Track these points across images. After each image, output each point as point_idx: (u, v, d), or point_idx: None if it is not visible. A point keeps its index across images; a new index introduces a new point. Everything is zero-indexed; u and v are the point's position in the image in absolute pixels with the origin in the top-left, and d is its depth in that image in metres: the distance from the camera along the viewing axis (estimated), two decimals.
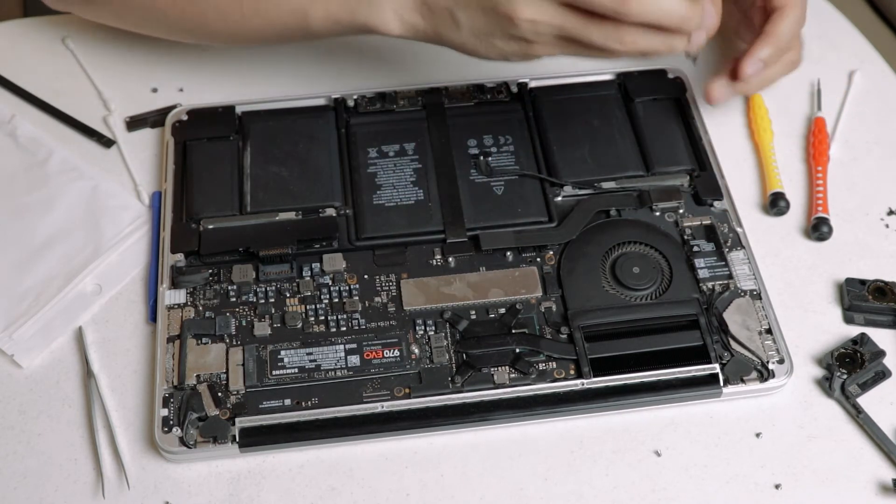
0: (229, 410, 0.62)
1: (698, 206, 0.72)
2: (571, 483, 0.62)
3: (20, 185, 0.74)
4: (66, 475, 0.62)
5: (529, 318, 0.66)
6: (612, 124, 0.76)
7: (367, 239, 0.70)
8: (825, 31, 0.85)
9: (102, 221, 0.72)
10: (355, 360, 0.64)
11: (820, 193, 0.74)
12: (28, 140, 0.76)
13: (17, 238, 0.71)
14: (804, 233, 0.73)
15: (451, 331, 0.66)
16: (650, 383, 0.64)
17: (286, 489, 0.61)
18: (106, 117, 0.78)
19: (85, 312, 0.68)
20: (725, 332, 0.66)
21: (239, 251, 0.69)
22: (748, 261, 0.69)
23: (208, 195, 0.72)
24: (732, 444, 0.63)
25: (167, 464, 0.62)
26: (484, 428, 0.63)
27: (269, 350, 0.65)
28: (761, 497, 0.61)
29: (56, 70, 0.81)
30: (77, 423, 0.64)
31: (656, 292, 0.68)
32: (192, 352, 0.64)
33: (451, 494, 0.61)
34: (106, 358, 0.66)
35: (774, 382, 0.64)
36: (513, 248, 0.69)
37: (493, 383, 0.63)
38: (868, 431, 0.64)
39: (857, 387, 0.65)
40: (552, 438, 0.63)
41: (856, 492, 0.61)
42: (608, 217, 0.71)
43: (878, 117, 0.80)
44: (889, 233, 0.73)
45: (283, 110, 0.77)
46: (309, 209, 0.71)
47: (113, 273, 0.70)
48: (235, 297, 0.67)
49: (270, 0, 0.69)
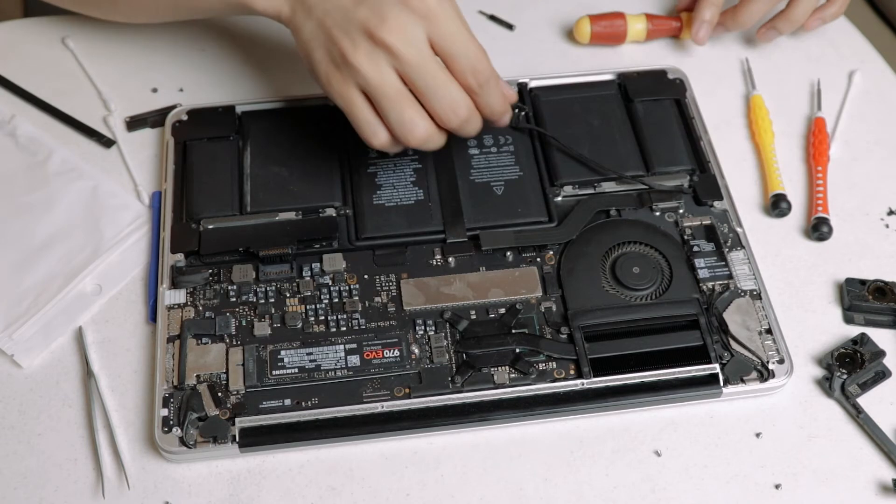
0: (229, 410, 0.62)
1: (698, 206, 0.72)
2: (571, 483, 0.62)
3: (20, 185, 0.74)
4: (66, 475, 0.62)
5: (529, 318, 0.66)
6: (612, 124, 0.76)
7: (367, 239, 0.70)
8: (825, 31, 0.85)
9: (102, 221, 0.72)
10: (355, 360, 0.64)
11: (820, 193, 0.74)
12: (28, 140, 0.76)
13: (17, 238, 0.71)
14: (804, 233, 0.73)
15: (451, 331, 0.66)
16: (650, 383, 0.64)
17: (286, 489, 0.61)
18: (106, 117, 0.78)
19: (85, 312, 0.68)
20: (725, 332, 0.66)
21: (239, 251, 0.69)
22: (748, 261, 0.69)
23: (208, 195, 0.72)
24: (732, 444, 0.63)
25: (167, 464, 0.62)
26: (484, 428, 0.63)
27: (269, 350, 0.65)
28: (761, 497, 0.61)
29: (56, 70, 0.81)
30: (77, 423, 0.64)
31: (656, 292, 0.68)
32: (192, 352, 0.64)
33: (451, 494, 0.61)
34: (106, 358, 0.66)
35: (774, 382, 0.64)
36: (513, 248, 0.69)
37: (493, 383, 0.63)
38: (868, 431, 0.64)
39: (857, 387, 0.65)
40: (552, 438, 0.63)
41: (856, 492, 0.61)
42: (608, 217, 0.71)
43: (878, 117, 0.80)
44: (889, 233, 0.73)
45: (283, 110, 0.77)
46: (309, 209, 0.71)
47: (113, 273, 0.70)
48: (235, 297, 0.67)
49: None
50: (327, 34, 0.64)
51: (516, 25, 0.85)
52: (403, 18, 0.62)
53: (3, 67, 0.81)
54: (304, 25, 0.66)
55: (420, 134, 0.65)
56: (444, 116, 0.65)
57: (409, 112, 0.64)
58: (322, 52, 0.65)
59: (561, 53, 0.84)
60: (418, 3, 0.63)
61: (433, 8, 0.63)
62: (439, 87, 0.64)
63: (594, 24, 0.82)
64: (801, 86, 0.81)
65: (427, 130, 0.65)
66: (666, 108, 0.78)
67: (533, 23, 0.86)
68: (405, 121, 0.64)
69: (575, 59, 0.83)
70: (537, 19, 0.86)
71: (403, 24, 0.62)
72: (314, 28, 0.65)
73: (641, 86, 0.78)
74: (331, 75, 0.65)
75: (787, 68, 0.82)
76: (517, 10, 0.86)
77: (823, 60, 0.83)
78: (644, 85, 0.79)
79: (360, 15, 0.63)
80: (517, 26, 0.85)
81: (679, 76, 0.80)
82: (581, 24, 0.82)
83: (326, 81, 0.65)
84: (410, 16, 0.63)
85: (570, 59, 0.83)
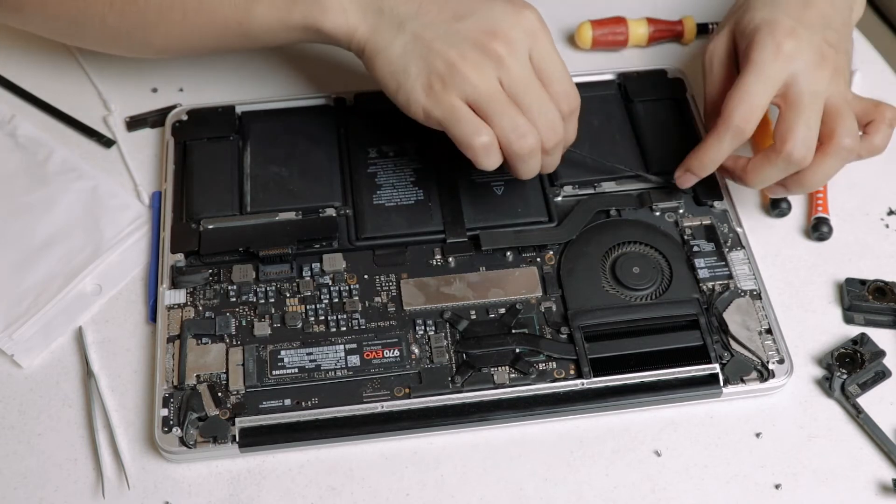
0: (229, 410, 0.62)
1: (698, 206, 0.72)
2: (571, 483, 0.62)
3: (20, 185, 0.74)
4: (66, 475, 0.62)
5: (529, 318, 0.66)
6: (612, 124, 0.76)
7: (367, 239, 0.70)
8: None
9: (102, 221, 0.72)
10: (355, 360, 0.64)
11: (820, 193, 0.74)
12: (28, 140, 0.76)
13: (17, 238, 0.71)
14: (804, 233, 0.73)
15: (451, 331, 0.66)
16: (650, 383, 0.64)
17: (286, 489, 0.61)
18: (106, 117, 0.78)
19: (85, 312, 0.68)
20: (725, 332, 0.66)
21: (239, 251, 0.69)
22: (748, 261, 0.69)
23: (208, 195, 0.72)
24: (732, 444, 0.63)
25: (167, 464, 0.62)
26: (484, 428, 0.63)
27: (269, 350, 0.65)
28: (761, 497, 0.61)
29: (56, 70, 0.81)
30: (77, 423, 0.64)
31: (656, 292, 0.68)
32: (192, 352, 0.64)
33: (451, 494, 0.61)
34: (106, 358, 0.66)
35: (774, 382, 0.64)
36: (513, 248, 0.69)
37: (493, 383, 0.63)
38: (868, 431, 0.64)
39: (857, 387, 0.65)
40: (552, 438, 0.63)
41: (856, 492, 0.61)
42: (608, 217, 0.71)
43: None
44: (889, 233, 0.73)
45: (283, 110, 0.77)
46: (309, 209, 0.71)
47: (113, 273, 0.70)
48: (235, 297, 0.67)
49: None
50: (427, 47, 0.63)
51: None
52: (513, 33, 0.62)
53: (3, 67, 0.81)
54: (394, 42, 0.64)
55: (531, 141, 0.63)
56: (543, 134, 0.64)
57: (521, 119, 0.63)
58: (420, 65, 0.63)
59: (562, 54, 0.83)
60: (527, 21, 0.63)
61: (538, 28, 0.63)
62: (543, 104, 0.64)
63: (596, 29, 0.82)
64: None
65: (536, 140, 0.63)
66: (666, 108, 0.78)
67: None
68: (518, 125, 0.63)
69: (575, 59, 0.83)
70: None
71: (513, 38, 0.62)
72: (408, 42, 0.63)
73: (641, 86, 0.78)
74: (433, 86, 0.63)
75: None
76: None
77: None
78: (644, 85, 0.79)
79: (467, 27, 0.63)
80: None
81: (679, 76, 0.80)
82: (582, 30, 0.82)
83: (427, 94, 0.63)
84: (519, 32, 0.63)
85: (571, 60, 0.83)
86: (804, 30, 0.66)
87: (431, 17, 0.64)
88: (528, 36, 0.63)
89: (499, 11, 0.63)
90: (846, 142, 0.65)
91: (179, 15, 0.67)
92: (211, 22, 0.67)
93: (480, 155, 0.63)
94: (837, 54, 0.66)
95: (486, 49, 0.62)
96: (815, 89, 0.65)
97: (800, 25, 0.66)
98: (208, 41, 0.69)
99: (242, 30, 0.67)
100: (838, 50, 0.67)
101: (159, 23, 0.68)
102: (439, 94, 0.63)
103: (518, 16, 0.63)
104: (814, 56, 0.65)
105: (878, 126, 0.67)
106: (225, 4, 0.66)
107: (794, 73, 0.65)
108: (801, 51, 0.65)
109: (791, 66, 0.65)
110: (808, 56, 0.65)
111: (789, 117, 0.65)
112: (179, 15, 0.67)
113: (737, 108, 0.65)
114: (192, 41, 0.70)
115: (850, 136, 0.65)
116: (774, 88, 0.65)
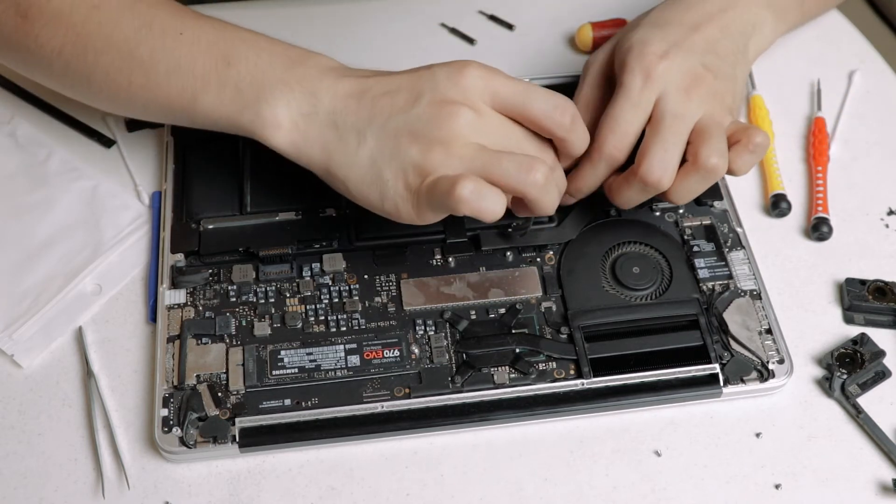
0: (229, 410, 0.62)
1: (698, 206, 0.72)
2: (571, 483, 0.62)
3: (20, 185, 0.74)
4: (66, 475, 0.62)
5: (529, 318, 0.66)
6: None
7: (367, 239, 0.70)
8: (825, 32, 0.85)
9: (102, 221, 0.72)
10: (355, 360, 0.64)
11: (820, 193, 0.74)
12: (28, 140, 0.76)
13: (17, 238, 0.71)
14: (804, 233, 0.73)
15: (451, 331, 0.66)
16: (650, 383, 0.64)
17: (286, 489, 0.61)
18: (106, 117, 0.78)
19: (85, 312, 0.68)
20: (725, 332, 0.66)
21: (239, 251, 0.69)
22: (748, 261, 0.69)
23: (208, 195, 0.72)
24: (732, 444, 0.63)
25: (167, 464, 0.62)
26: (484, 428, 0.63)
27: (269, 350, 0.65)
28: (761, 497, 0.61)
29: None
30: (77, 423, 0.64)
31: (656, 292, 0.68)
32: (192, 352, 0.64)
33: (451, 494, 0.61)
34: (106, 358, 0.66)
35: (774, 382, 0.64)
36: (513, 248, 0.69)
37: (493, 383, 0.63)
38: (868, 431, 0.64)
39: (857, 387, 0.65)
40: (552, 438, 0.63)
41: (856, 492, 0.61)
42: (608, 217, 0.71)
43: (878, 117, 0.80)
44: (889, 233, 0.73)
45: None
46: (309, 209, 0.71)
47: (113, 273, 0.70)
48: (235, 297, 0.67)
49: (161, 74, 0.63)
50: (395, 146, 0.60)
51: (516, 26, 0.85)
52: (468, 92, 0.60)
53: (3, 67, 0.81)
54: (359, 153, 0.61)
55: (542, 170, 0.60)
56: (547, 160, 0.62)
57: (518, 156, 0.60)
58: (395, 167, 0.60)
59: (561, 54, 0.84)
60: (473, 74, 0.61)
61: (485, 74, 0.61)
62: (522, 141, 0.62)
63: (596, 31, 0.82)
64: (801, 86, 0.81)
65: (546, 166, 0.60)
66: None
67: (533, 23, 0.86)
68: (521, 162, 0.59)
69: (575, 61, 0.83)
70: (538, 20, 0.86)
71: (470, 96, 0.60)
72: (373, 148, 0.61)
73: None
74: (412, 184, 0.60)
75: (787, 68, 0.82)
76: (517, 10, 0.86)
77: (823, 60, 0.83)
78: None
79: (422, 108, 0.60)
80: (517, 27, 0.85)
81: None
82: (583, 32, 0.82)
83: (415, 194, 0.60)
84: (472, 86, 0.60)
85: (571, 61, 0.83)
86: (679, 52, 0.65)
87: (386, 113, 0.61)
88: (482, 85, 0.61)
89: (443, 79, 0.61)
90: (711, 161, 0.63)
91: (125, 82, 0.65)
92: (155, 100, 0.65)
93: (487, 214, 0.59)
94: (716, 79, 0.65)
95: (451, 118, 0.60)
96: (678, 111, 0.64)
97: (674, 48, 0.65)
98: (153, 115, 0.68)
99: (188, 116, 0.65)
100: (717, 75, 0.66)
101: (103, 87, 0.65)
102: (441, 169, 0.60)
103: (461, 74, 0.61)
104: (683, 79, 0.64)
105: (737, 149, 0.64)
106: (172, 86, 0.64)
107: (662, 94, 0.64)
108: (671, 73, 0.64)
109: (659, 89, 0.64)
110: (677, 78, 0.64)
111: (648, 139, 0.64)
112: (125, 82, 0.65)
113: (608, 137, 0.64)
114: (136, 111, 0.68)
115: (715, 156, 0.63)
116: (645, 113, 0.64)
